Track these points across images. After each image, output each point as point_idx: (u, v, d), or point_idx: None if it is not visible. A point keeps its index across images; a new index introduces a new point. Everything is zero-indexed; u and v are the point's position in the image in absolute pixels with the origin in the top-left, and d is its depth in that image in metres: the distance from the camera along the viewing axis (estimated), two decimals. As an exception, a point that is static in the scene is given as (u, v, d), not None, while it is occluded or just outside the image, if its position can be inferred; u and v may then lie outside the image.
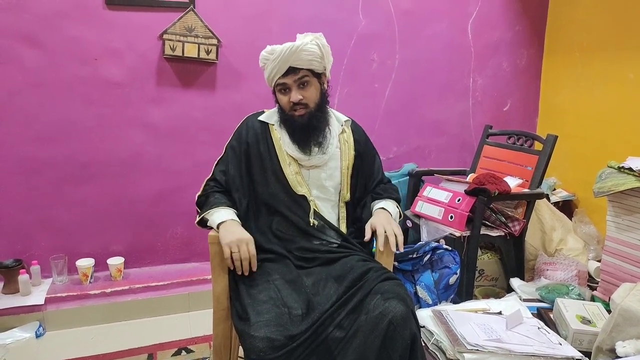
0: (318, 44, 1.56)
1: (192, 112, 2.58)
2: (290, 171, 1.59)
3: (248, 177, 1.62)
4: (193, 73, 2.54)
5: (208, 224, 1.57)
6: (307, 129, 1.58)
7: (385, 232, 1.51)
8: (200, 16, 2.42)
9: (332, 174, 1.64)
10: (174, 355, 2.11)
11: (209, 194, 1.60)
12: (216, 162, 1.67)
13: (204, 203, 1.60)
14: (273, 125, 1.65)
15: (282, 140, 1.61)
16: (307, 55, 1.53)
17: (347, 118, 1.75)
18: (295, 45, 1.51)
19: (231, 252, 1.43)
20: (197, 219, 1.60)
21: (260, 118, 1.68)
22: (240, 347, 1.48)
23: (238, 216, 1.56)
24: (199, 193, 1.63)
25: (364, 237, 1.57)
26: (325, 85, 1.66)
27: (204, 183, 1.65)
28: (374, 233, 1.55)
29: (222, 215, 1.52)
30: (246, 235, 1.47)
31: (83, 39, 2.33)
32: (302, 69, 1.54)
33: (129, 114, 2.47)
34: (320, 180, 1.62)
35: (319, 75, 1.60)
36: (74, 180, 2.44)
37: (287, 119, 1.60)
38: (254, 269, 1.47)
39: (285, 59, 1.51)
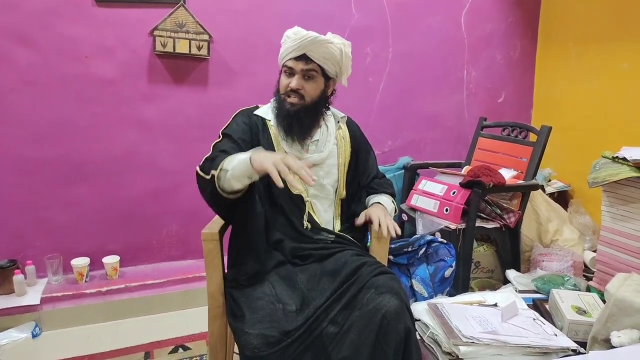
0: (341, 49, 1.55)
1: (184, 109, 2.57)
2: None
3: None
4: (185, 69, 2.52)
5: (229, 177, 1.31)
6: (292, 119, 1.54)
7: (379, 220, 1.50)
8: (190, 12, 2.41)
9: (329, 171, 1.63)
10: (170, 352, 2.11)
11: (217, 156, 1.39)
12: (213, 145, 1.51)
13: (210, 165, 1.36)
14: (270, 121, 1.62)
15: (279, 137, 1.59)
16: (325, 53, 1.52)
17: (343, 115, 1.74)
18: (319, 37, 1.50)
19: (279, 172, 1.22)
20: (216, 173, 1.32)
21: (257, 112, 1.64)
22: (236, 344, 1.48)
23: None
24: (199, 166, 1.41)
25: (358, 227, 1.58)
26: (330, 91, 1.64)
27: (202, 161, 1.43)
28: (368, 224, 1.53)
29: (244, 154, 1.32)
30: (280, 154, 1.37)
31: (74, 36, 2.31)
32: (315, 62, 1.52)
33: (121, 111, 2.46)
34: (318, 178, 1.60)
35: (327, 78, 1.59)
36: (68, 180, 2.42)
37: (278, 103, 1.58)
38: (314, 177, 1.26)
39: (304, 44, 1.49)
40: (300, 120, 1.55)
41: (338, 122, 1.71)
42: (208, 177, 1.35)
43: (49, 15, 2.26)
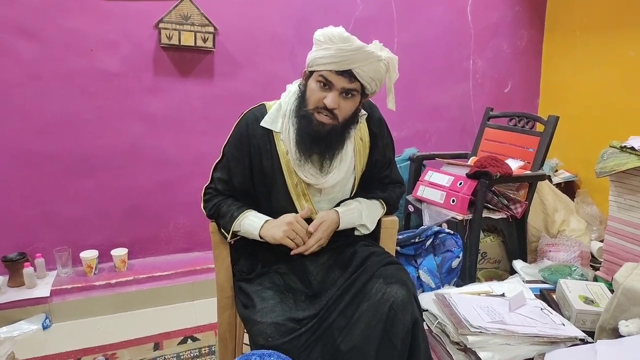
0: (388, 66, 1.38)
1: (190, 101, 2.57)
2: (298, 191, 1.46)
3: (253, 190, 1.48)
4: (190, 62, 2.52)
5: (240, 234, 1.45)
6: (320, 140, 1.36)
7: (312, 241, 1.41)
8: (195, 4, 2.40)
9: (345, 185, 1.51)
10: (180, 343, 2.13)
11: (221, 204, 1.47)
12: (214, 166, 1.50)
13: (218, 215, 1.46)
14: (279, 133, 1.43)
15: (289, 155, 1.42)
16: (373, 71, 1.33)
17: (364, 112, 1.51)
18: (372, 52, 1.31)
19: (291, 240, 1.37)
20: (229, 237, 1.44)
21: (263, 124, 1.44)
22: (245, 334, 1.49)
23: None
24: (203, 205, 1.51)
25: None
26: (360, 105, 1.44)
27: (204, 192, 1.52)
28: None
29: (254, 222, 1.41)
30: (287, 217, 1.39)
31: (79, 29, 2.30)
32: (358, 81, 1.33)
33: (127, 104, 2.46)
34: (330, 195, 1.50)
35: (365, 95, 1.41)
36: (75, 173, 2.43)
37: (303, 116, 1.36)
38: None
39: (353, 59, 1.29)
40: (329, 142, 1.38)
41: (357, 121, 1.47)
42: (228, 231, 1.44)
43: (53, 9, 2.25)
